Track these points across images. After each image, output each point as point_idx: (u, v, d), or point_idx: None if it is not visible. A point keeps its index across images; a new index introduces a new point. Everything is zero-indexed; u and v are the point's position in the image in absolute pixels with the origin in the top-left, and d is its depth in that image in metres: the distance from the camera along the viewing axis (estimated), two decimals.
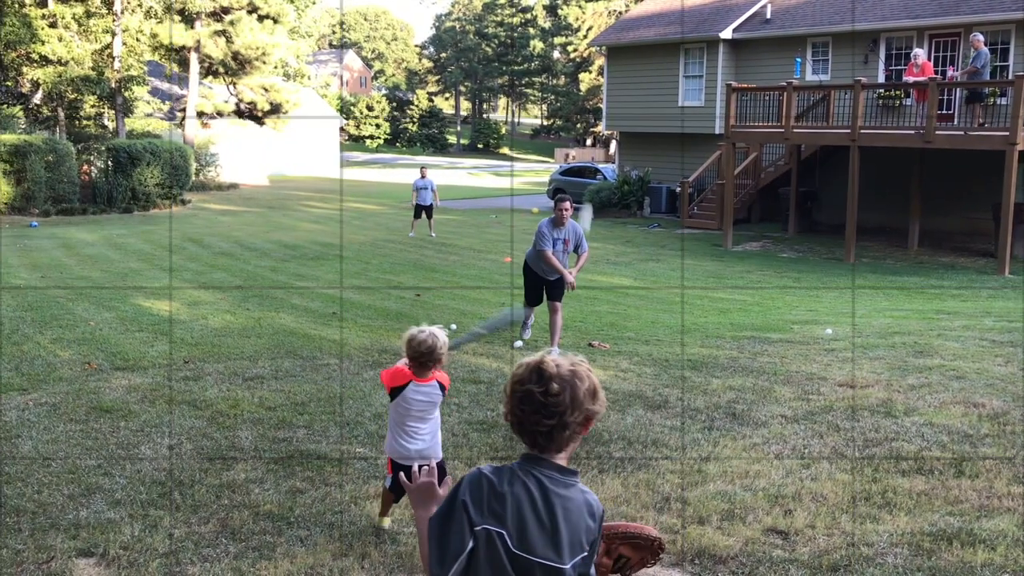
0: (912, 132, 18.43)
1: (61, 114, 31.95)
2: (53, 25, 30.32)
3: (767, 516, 5.04)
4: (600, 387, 2.29)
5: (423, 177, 21.90)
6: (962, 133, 17.84)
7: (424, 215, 22.23)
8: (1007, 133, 16.67)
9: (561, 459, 2.26)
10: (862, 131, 18.75)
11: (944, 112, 18.52)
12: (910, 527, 4.90)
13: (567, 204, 9.62)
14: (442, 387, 4.73)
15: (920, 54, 19.49)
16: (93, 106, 33.93)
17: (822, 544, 4.69)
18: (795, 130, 20.47)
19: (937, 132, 17.60)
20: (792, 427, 6.76)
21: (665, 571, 4.39)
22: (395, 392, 4.56)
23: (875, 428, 6.70)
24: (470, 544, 2.18)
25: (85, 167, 28.14)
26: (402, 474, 2.56)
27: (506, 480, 2.21)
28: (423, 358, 4.47)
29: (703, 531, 4.81)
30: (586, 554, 2.24)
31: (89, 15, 31.52)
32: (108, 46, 32.30)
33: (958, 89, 19.32)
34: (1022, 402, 7.32)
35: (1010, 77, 18.93)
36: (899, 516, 5.06)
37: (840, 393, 7.74)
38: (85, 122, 33.88)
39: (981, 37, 18.31)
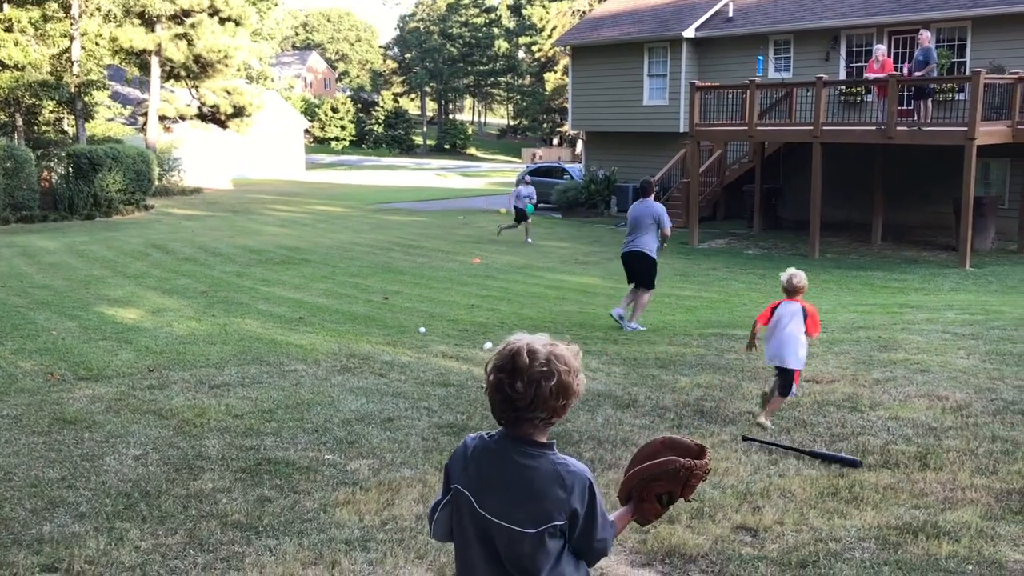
0: (873, 128, 18.66)
1: (19, 120, 31.42)
2: (9, 29, 29.82)
3: (736, 514, 5.07)
4: (576, 378, 2.33)
5: (528, 185, 22.94)
6: (921, 128, 18.08)
7: (523, 221, 22.44)
8: (966, 128, 16.92)
9: (535, 436, 2.37)
10: (824, 127, 18.94)
11: (905, 108, 18.76)
12: (877, 521, 4.95)
13: None
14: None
15: (881, 49, 19.74)
16: (52, 111, 33.42)
17: (791, 540, 4.73)
18: (758, 127, 20.65)
19: (898, 128, 17.83)
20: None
21: (635, 571, 4.41)
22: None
23: (841, 423, 6.77)
24: (444, 499, 2.45)
25: (45, 173, 27.70)
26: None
27: (480, 447, 2.40)
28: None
29: (673, 530, 4.83)
30: (561, 523, 2.31)
31: (46, 19, 31.02)
32: (66, 50, 31.81)
33: (915, 86, 19.58)
34: (984, 394, 7.43)
35: (967, 73, 19.23)
36: (866, 511, 5.11)
37: (806, 389, 7.81)
38: (44, 128, 33.36)
39: (927, 34, 18.58)
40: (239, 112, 37.80)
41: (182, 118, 37.64)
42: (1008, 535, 4.75)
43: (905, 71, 19.22)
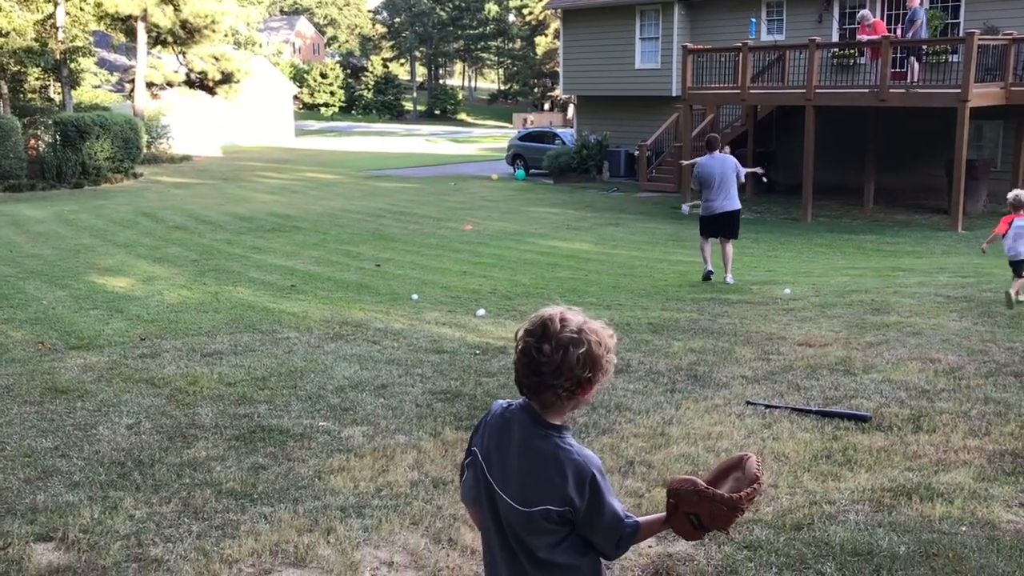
0: (866, 91, 18.57)
1: (4, 87, 31.07)
2: None
3: None
4: (607, 354, 2.26)
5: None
6: (917, 91, 17.99)
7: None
8: (959, 90, 16.85)
9: (550, 415, 2.29)
10: (817, 91, 18.85)
11: (898, 70, 18.66)
12: (870, 483, 4.96)
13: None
14: None
15: (865, 13, 19.57)
16: (38, 79, 33.07)
17: (785, 503, 4.75)
18: (751, 91, 20.53)
19: (891, 90, 17.75)
20: (753, 387, 6.82)
21: None
22: None
23: (835, 386, 6.77)
24: (467, 460, 2.44)
25: (32, 142, 27.44)
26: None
27: (499, 413, 2.37)
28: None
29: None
30: (557, 509, 2.24)
31: None
32: (51, 16, 31.40)
33: (907, 48, 19.46)
34: (977, 356, 7.45)
35: (961, 34, 19.11)
36: (860, 473, 5.12)
37: (799, 352, 7.82)
38: (30, 95, 33.02)
39: None
40: (227, 78, 37.44)
41: (170, 85, 37.27)
42: (1001, 496, 4.77)
43: (898, 32, 19.09)
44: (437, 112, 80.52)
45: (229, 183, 28.57)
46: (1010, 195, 9.86)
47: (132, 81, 36.47)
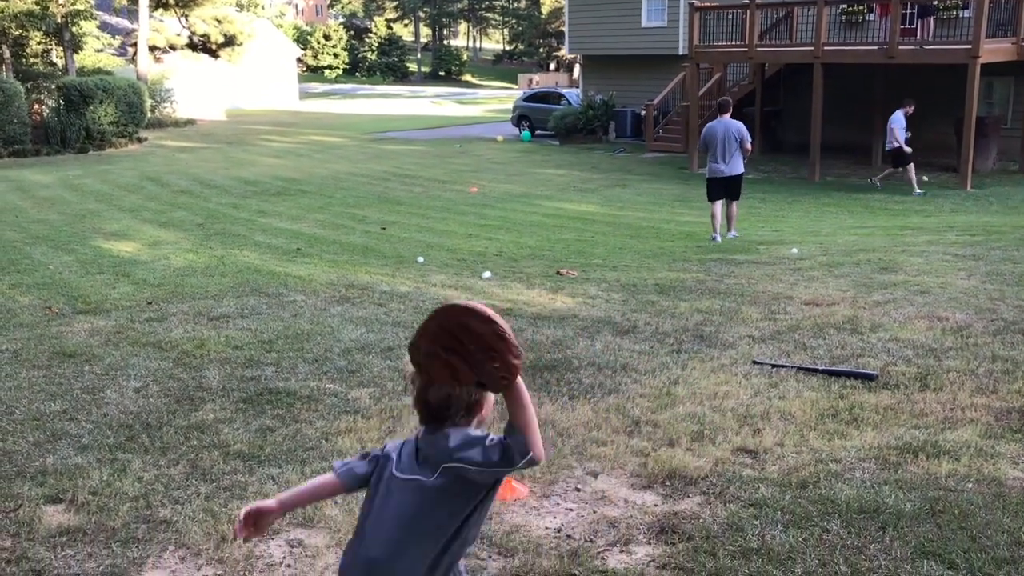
0: (875, 48, 18.34)
1: (6, 52, 30.87)
2: None
3: (736, 436, 5.09)
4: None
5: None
6: (927, 48, 17.77)
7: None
8: (969, 46, 16.63)
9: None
10: (825, 48, 18.63)
11: (907, 27, 18.41)
12: (877, 441, 4.97)
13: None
14: None
15: None
16: (40, 43, 32.84)
17: (791, 462, 4.75)
18: (759, 49, 20.30)
19: (900, 47, 17.53)
20: (760, 347, 6.81)
21: (636, 494, 4.43)
22: None
23: (841, 345, 6.76)
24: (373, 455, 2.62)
25: (36, 106, 27.33)
26: None
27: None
28: None
29: (673, 453, 4.85)
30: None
31: None
32: None
33: (918, 4, 19.20)
34: (985, 314, 7.42)
35: None
36: (866, 431, 5.13)
37: (806, 312, 7.80)
38: (32, 60, 32.82)
39: None
40: (230, 41, 37.18)
41: (172, 48, 37.03)
42: (1007, 453, 4.77)
43: None
44: (442, 73, 79.90)
45: (234, 147, 28.47)
46: None
47: (135, 45, 36.22)
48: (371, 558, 2.41)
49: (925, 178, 17.63)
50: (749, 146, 11.89)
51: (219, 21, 36.62)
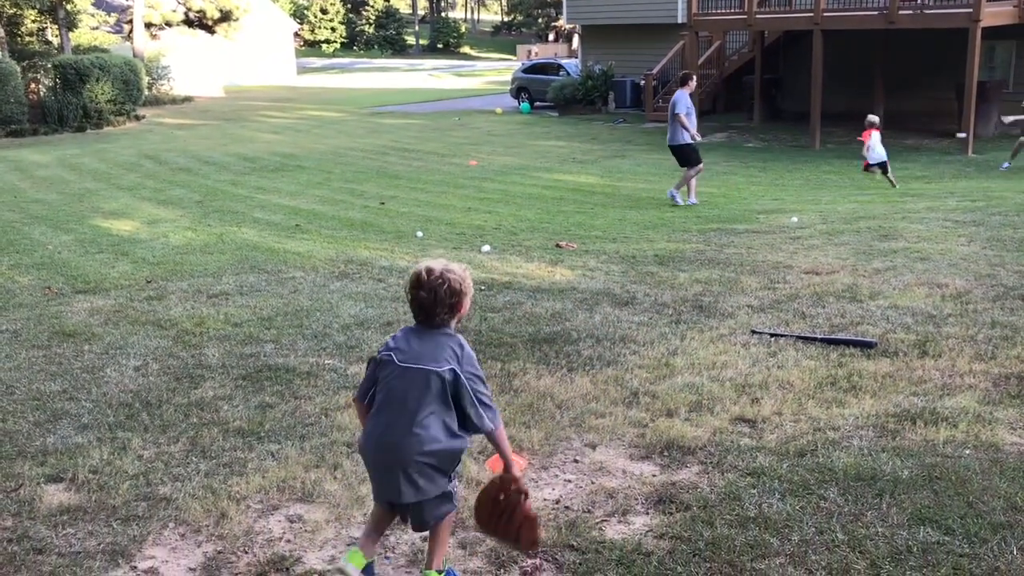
0: (875, 13, 18.18)
1: (0, 31, 30.70)
2: None
3: (734, 406, 5.10)
4: (463, 282, 3.29)
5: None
6: (927, 12, 17.61)
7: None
8: (970, 10, 16.48)
9: (442, 327, 3.31)
10: (825, 14, 18.47)
11: None
12: (875, 409, 4.97)
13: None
14: None
15: None
16: (34, 21, 32.65)
17: (789, 431, 4.76)
18: (758, 16, 20.13)
19: (900, 12, 17.38)
20: (759, 317, 6.80)
21: (634, 464, 4.45)
22: None
23: (841, 313, 6.75)
24: (377, 360, 3.40)
25: (32, 86, 27.20)
26: None
27: (405, 333, 3.37)
28: None
29: (671, 423, 4.86)
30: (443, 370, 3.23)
31: None
32: None
33: None
34: (984, 280, 7.41)
35: None
36: (864, 399, 5.13)
37: (806, 280, 7.78)
38: (27, 39, 32.65)
39: None
40: (226, 16, 36.93)
41: (168, 24, 36.79)
42: (1005, 419, 4.77)
43: None
44: (440, 46, 79.33)
45: (231, 123, 28.35)
46: None
47: (130, 22, 35.97)
48: (395, 434, 3.23)
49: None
50: (673, 114, 12.53)
51: None
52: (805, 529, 3.72)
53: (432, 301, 3.23)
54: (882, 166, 13.68)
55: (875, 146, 13.58)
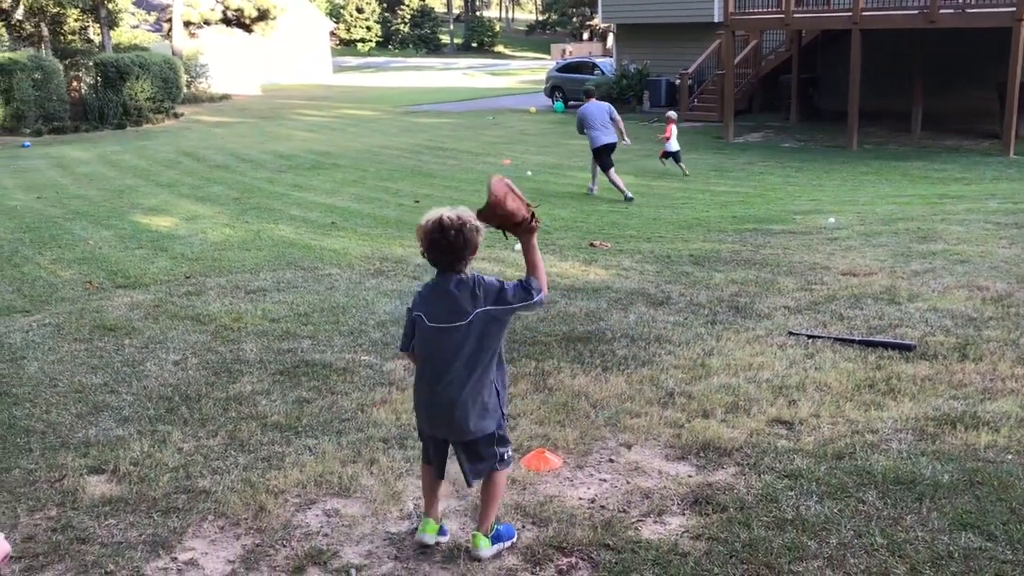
0: (915, 12, 17.94)
1: (44, 30, 31.23)
2: None
3: (771, 407, 5.06)
4: (471, 221, 3.41)
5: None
6: (969, 11, 17.35)
7: None
8: (1014, 8, 16.21)
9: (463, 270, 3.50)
10: (864, 13, 18.25)
11: None
12: (914, 412, 4.92)
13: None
14: None
15: None
16: (77, 20, 33.14)
17: (827, 433, 4.72)
18: (795, 15, 19.95)
19: (941, 11, 17.13)
20: (796, 318, 6.75)
21: (671, 465, 4.43)
22: None
23: (879, 315, 6.68)
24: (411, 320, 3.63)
25: (74, 84, 27.65)
26: None
27: (432, 286, 3.55)
28: None
29: (708, 424, 4.84)
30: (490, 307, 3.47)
31: None
32: None
33: None
34: None
35: None
36: (903, 402, 5.07)
37: (843, 282, 7.71)
38: (70, 37, 33.16)
39: None
40: (263, 15, 37.26)
41: (207, 23, 37.18)
42: None
43: None
44: (474, 45, 79.49)
45: (268, 121, 28.61)
46: None
47: (169, 20, 36.41)
48: (448, 395, 3.49)
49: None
50: (616, 119, 13.85)
51: None
52: (843, 532, 3.69)
53: (462, 243, 3.40)
54: (675, 156, 15.84)
55: (674, 139, 15.71)
